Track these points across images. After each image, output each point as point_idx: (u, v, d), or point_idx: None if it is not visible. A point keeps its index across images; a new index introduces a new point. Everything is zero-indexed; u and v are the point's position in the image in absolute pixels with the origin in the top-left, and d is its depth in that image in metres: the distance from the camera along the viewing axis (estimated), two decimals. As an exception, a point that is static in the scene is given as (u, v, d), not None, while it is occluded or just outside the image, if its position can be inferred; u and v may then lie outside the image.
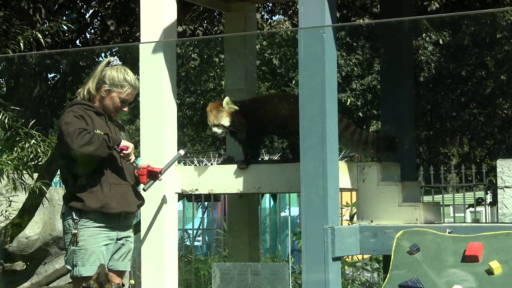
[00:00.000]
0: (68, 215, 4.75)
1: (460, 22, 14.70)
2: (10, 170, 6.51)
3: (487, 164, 15.87)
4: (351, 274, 10.64)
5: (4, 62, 10.72)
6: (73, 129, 4.64)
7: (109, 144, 4.70)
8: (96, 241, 4.72)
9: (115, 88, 4.87)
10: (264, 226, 13.31)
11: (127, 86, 4.88)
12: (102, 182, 4.75)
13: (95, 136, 4.68)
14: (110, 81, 4.86)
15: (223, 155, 6.08)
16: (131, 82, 4.90)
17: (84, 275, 4.67)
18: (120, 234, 4.85)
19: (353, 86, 16.48)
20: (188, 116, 18.70)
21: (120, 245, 4.86)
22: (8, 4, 10.60)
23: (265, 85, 18.16)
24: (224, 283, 4.95)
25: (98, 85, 4.88)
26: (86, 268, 4.68)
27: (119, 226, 4.84)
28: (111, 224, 4.79)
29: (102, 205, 4.71)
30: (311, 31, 4.60)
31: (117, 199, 4.78)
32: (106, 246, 4.77)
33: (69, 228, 4.75)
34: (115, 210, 4.77)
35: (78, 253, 4.71)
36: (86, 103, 4.86)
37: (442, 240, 4.47)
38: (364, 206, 5.07)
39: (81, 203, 4.71)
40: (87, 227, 4.73)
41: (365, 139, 5.29)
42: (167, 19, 5.27)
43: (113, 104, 4.90)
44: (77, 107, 4.82)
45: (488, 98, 16.20)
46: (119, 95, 4.89)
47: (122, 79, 4.87)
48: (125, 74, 4.90)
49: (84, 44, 12.58)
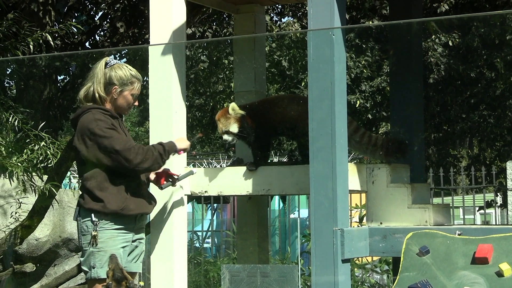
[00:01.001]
0: (86, 216, 4.74)
1: (469, 24, 14.67)
2: (20, 172, 6.53)
3: (497, 166, 15.84)
4: (360, 276, 10.63)
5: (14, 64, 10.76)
6: (123, 146, 4.68)
7: (164, 158, 4.78)
8: (115, 243, 4.72)
9: (125, 86, 4.87)
10: (274, 228, 13.30)
11: (136, 81, 4.90)
12: (121, 184, 4.75)
13: (149, 151, 4.75)
14: (119, 81, 4.85)
15: (232, 157, 6.08)
16: (137, 76, 4.93)
17: (102, 277, 4.67)
18: (135, 236, 4.86)
19: (362, 88, 16.45)
20: (197, 118, 18.71)
21: (134, 247, 4.87)
22: (18, 7, 10.64)
23: (274, 87, 18.15)
24: (233, 285, 4.95)
25: (107, 88, 4.87)
26: (104, 270, 4.67)
27: (135, 228, 4.85)
28: (128, 226, 4.79)
29: (123, 207, 4.72)
30: (320, 33, 4.59)
31: (135, 201, 4.78)
32: (124, 248, 4.78)
33: (87, 230, 4.73)
34: (134, 211, 4.77)
35: (97, 255, 4.71)
36: (101, 108, 4.85)
37: (452, 242, 4.46)
38: (374, 208, 5.06)
39: (101, 205, 4.71)
40: (106, 229, 4.72)
41: (374, 142, 5.28)
42: (176, 21, 5.27)
43: (126, 102, 4.90)
44: (99, 114, 4.79)
45: (497, 100, 16.16)
46: (131, 92, 4.90)
47: (129, 76, 4.88)
48: (129, 70, 4.90)
49: (93, 46, 12.60)
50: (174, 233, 5.13)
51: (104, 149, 4.70)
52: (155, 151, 4.77)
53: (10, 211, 7.88)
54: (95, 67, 4.94)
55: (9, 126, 6.60)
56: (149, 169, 4.82)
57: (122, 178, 4.76)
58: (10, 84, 12.94)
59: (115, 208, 4.70)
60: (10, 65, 10.68)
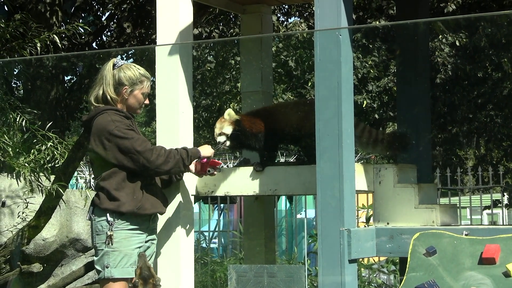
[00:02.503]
0: (101, 216, 4.73)
1: (476, 24, 14.65)
2: (27, 173, 6.54)
3: (504, 166, 15.81)
4: (367, 277, 10.62)
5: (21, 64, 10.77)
6: (144, 147, 4.69)
7: (186, 163, 4.77)
8: (129, 244, 4.72)
9: (135, 86, 4.87)
10: (280, 228, 13.30)
11: (145, 80, 4.91)
12: (137, 184, 4.75)
13: (171, 153, 4.76)
14: (129, 81, 4.85)
15: (239, 157, 6.07)
16: (146, 74, 4.93)
17: (116, 276, 4.67)
18: (148, 237, 4.86)
19: (369, 88, 16.45)
20: (204, 118, 18.72)
21: (146, 247, 4.86)
22: (25, 7, 10.66)
23: (281, 87, 18.16)
24: (240, 285, 4.96)
25: (117, 89, 4.86)
26: (118, 270, 4.68)
27: (148, 229, 4.84)
28: (142, 226, 4.78)
29: (138, 206, 4.72)
30: (327, 33, 4.59)
31: (150, 200, 4.78)
32: (139, 249, 4.77)
33: (102, 230, 4.72)
34: (149, 211, 4.77)
35: (111, 254, 4.70)
36: (116, 109, 4.84)
37: (459, 243, 4.46)
38: (381, 208, 5.06)
39: (117, 204, 4.70)
40: (121, 229, 4.71)
41: (375, 137, 5.28)
42: (183, 22, 5.27)
43: (137, 101, 4.91)
44: (115, 115, 4.79)
45: (505, 100, 16.13)
46: (141, 91, 4.90)
47: (138, 75, 4.88)
48: (137, 69, 4.91)
49: (100, 46, 12.62)
50: (181, 233, 5.13)
51: (125, 150, 4.70)
52: (177, 154, 4.77)
53: (17, 211, 7.88)
54: (103, 69, 4.94)
55: (17, 127, 6.61)
56: (169, 172, 4.82)
57: (138, 177, 4.76)
58: (17, 85, 12.98)
59: (131, 208, 4.69)
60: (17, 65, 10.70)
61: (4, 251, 7.74)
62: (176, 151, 4.80)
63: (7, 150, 6.55)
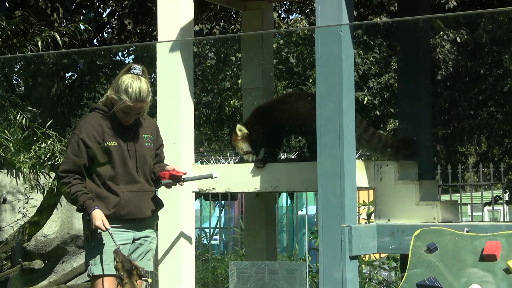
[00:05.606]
0: (84, 215, 4.76)
1: (477, 20, 14.64)
2: (27, 169, 6.55)
3: (505, 162, 15.80)
4: (368, 273, 10.61)
5: (22, 61, 10.78)
6: (63, 164, 4.73)
7: (78, 207, 4.71)
8: (108, 241, 4.70)
9: (117, 95, 4.67)
10: (281, 225, 13.30)
11: (124, 99, 4.63)
12: (114, 190, 4.72)
13: (72, 188, 4.67)
14: (115, 88, 4.69)
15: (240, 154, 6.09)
16: (132, 95, 4.63)
17: (95, 273, 4.68)
18: (137, 235, 4.82)
19: (370, 85, 16.43)
20: (205, 115, 18.71)
21: (138, 245, 4.84)
22: (26, 4, 10.66)
23: (282, 83, 18.15)
24: (241, 282, 4.96)
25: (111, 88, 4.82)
26: (98, 267, 4.68)
27: (135, 227, 4.81)
28: (126, 224, 4.76)
29: (111, 212, 4.69)
30: (328, 30, 4.59)
31: (129, 206, 4.73)
32: (124, 245, 4.74)
33: (84, 228, 4.76)
34: (125, 217, 4.75)
35: (92, 252, 4.72)
36: (103, 109, 4.77)
37: (460, 239, 4.46)
38: (382, 205, 5.06)
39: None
40: None
41: (384, 142, 5.27)
42: (184, 18, 5.27)
43: (118, 112, 4.73)
44: (93, 118, 4.76)
45: (506, 97, 16.10)
46: (117, 104, 4.67)
47: (122, 90, 4.64)
48: (130, 85, 4.64)
49: (101, 43, 12.63)
50: (182, 230, 5.13)
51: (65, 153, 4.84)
52: (72, 191, 4.68)
53: (18, 207, 7.89)
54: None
55: (17, 124, 6.62)
56: (65, 197, 4.92)
57: (115, 182, 4.73)
58: (18, 82, 12.98)
59: (104, 213, 4.68)
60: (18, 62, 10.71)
61: (5, 248, 7.76)
62: (76, 191, 4.68)
63: (8, 146, 6.56)
